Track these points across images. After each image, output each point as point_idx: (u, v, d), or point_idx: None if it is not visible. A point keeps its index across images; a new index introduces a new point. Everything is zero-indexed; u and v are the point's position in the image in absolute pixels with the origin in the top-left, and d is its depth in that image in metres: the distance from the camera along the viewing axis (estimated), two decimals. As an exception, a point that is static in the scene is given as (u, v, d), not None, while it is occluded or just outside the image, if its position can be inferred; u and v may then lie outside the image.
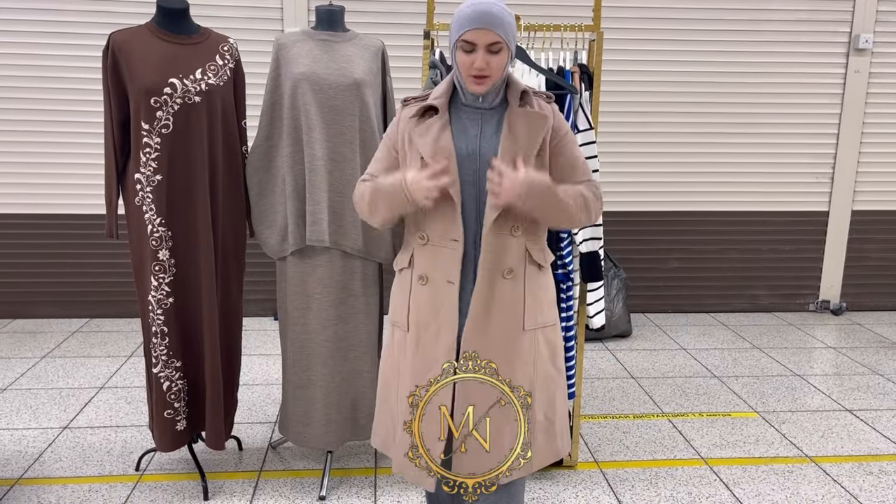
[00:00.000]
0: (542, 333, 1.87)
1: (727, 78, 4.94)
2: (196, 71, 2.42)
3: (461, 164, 1.76)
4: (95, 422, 3.26)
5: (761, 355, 4.33)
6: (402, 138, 1.84)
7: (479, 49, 1.72)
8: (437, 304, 1.81)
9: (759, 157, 5.07)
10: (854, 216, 5.21)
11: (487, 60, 1.72)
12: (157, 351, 2.51)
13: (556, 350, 1.92)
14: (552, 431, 1.89)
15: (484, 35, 1.70)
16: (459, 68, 1.76)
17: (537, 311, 1.85)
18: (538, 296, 1.86)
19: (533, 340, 1.84)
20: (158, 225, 2.44)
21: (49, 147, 4.63)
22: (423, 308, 1.83)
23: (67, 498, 2.63)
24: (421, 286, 1.83)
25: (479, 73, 1.73)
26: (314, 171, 2.52)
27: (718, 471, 2.91)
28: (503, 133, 1.77)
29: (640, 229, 5.06)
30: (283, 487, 2.74)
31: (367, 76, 2.56)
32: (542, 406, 1.86)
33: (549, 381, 1.89)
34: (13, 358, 4.04)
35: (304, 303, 2.60)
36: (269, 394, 3.61)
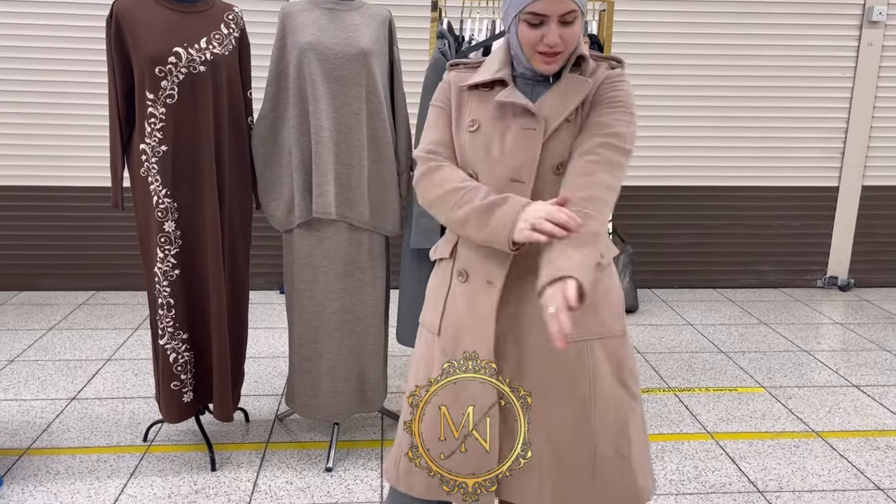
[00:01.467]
0: (602, 346, 1.57)
1: (738, 50, 4.87)
2: (201, 40, 2.38)
3: None
4: (103, 393, 3.27)
5: (768, 331, 4.31)
6: (455, 104, 1.61)
7: (550, 21, 1.44)
8: (475, 308, 1.56)
9: (769, 131, 5.02)
10: (864, 191, 5.16)
11: (560, 34, 1.44)
12: (164, 323, 2.51)
13: (623, 367, 1.60)
14: (630, 470, 1.59)
15: (558, 4, 1.42)
16: (523, 44, 1.49)
17: (589, 318, 1.55)
18: (592, 300, 1.54)
19: (583, 353, 1.55)
20: (164, 196, 2.42)
21: (54, 119, 4.60)
22: (461, 311, 1.59)
23: (76, 467, 2.65)
24: (460, 283, 1.60)
25: (552, 49, 1.46)
26: (320, 142, 2.49)
27: (725, 445, 2.91)
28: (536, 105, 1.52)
29: (648, 204, 5.03)
30: (289, 459, 2.75)
31: (373, 46, 2.52)
32: (610, 435, 1.57)
33: (617, 404, 1.58)
34: (20, 330, 4.06)
35: (311, 275, 2.59)
36: (276, 366, 3.62)
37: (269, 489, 2.55)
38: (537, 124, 1.49)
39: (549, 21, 1.44)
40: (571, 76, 1.53)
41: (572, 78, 1.53)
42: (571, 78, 1.53)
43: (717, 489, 2.60)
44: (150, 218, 2.45)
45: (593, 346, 1.56)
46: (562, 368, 1.54)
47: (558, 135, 1.51)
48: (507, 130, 1.52)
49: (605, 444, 1.57)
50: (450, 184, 1.53)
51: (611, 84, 1.54)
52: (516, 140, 1.51)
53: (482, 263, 1.55)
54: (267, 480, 2.60)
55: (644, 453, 1.64)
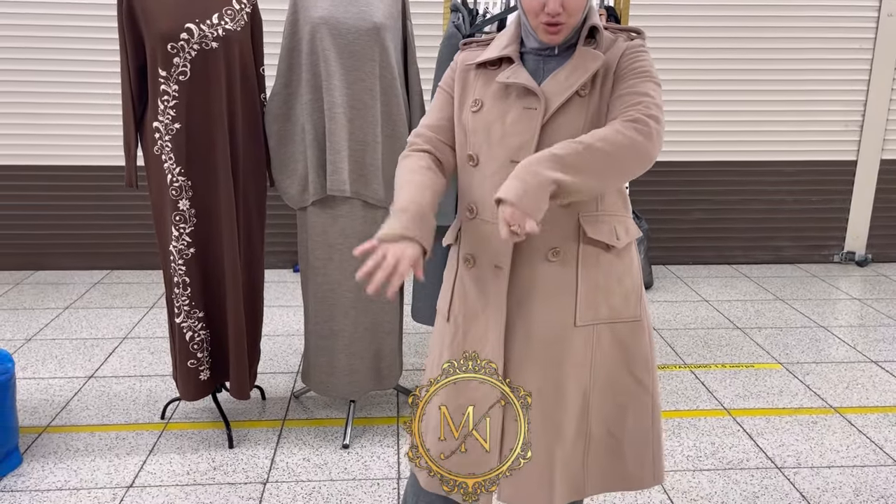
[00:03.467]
0: (611, 331, 1.53)
1: (755, 22, 4.78)
2: (213, 16, 2.36)
3: None
4: (120, 371, 3.29)
5: (784, 307, 4.28)
6: (459, 85, 1.58)
7: None
8: (485, 294, 1.53)
9: (787, 104, 4.94)
10: (883, 165, 5.08)
11: (563, 2, 1.39)
12: (180, 301, 2.51)
13: (634, 354, 1.56)
14: (619, 451, 1.58)
15: None
16: (526, 12, 1.44)
17: (600, 301, 1.51)
18: (602, 284, 1.50)
19: (590, 339, 1.52)
20: (178, 174, 2.41)
21: (67, 98, 4.59)
22: (470, 298, 1.56)
23: (95, 444, 2.67)
24: (467, 269, 1.56)
25: (553, 19, 1.40)
26: (334, 118, 2.47)
27: (742, 421, 2.90)
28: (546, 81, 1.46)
29: (663, 179, 4.97)
30: (306, 436, 2.76)
31: (387, 20, 2.49)
32: (604, 418, 1.56)
33: (619, 392, 1.56)
34: (37, 309, 4.08)
35: (326, 253, 2.58)
36: (291, 344, 3.63)
37: (287, 466, 2.56)
38: (538, 104, 1.44)
39: None
40: (584, 50, 1.46)
41: (584, 52, 1.46)
42: (583, 52, 1.46)
43: (734, 465, 2.59)
44: (164, 196, 2.44)
45: (601, 331, 1.53)
46: (566, 352, 1.52)
47: (565, 113, 1.45)
48: (509, 110, 1.48)
49: (599, 425, 1.56)
50: (401, 177, 1.52)
51: (632, 55, 1.47)
52: (517, 120, 1.46)
53: (487, 246, 1.51)
54: (284, 457, 2.61)
55: (644, 442, 1.60)
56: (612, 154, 1.35)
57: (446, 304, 1.62)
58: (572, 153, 1.33)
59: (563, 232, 1.47)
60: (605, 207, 1.50)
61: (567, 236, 1.47)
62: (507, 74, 1.48)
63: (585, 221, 1.47)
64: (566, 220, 1.46)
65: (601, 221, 1.49)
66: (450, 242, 1.64)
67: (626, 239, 1.54)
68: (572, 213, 1.46)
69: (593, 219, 1.48)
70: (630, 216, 1.58)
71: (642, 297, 1.60)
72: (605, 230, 1.49)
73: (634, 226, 1.58)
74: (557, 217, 1.44)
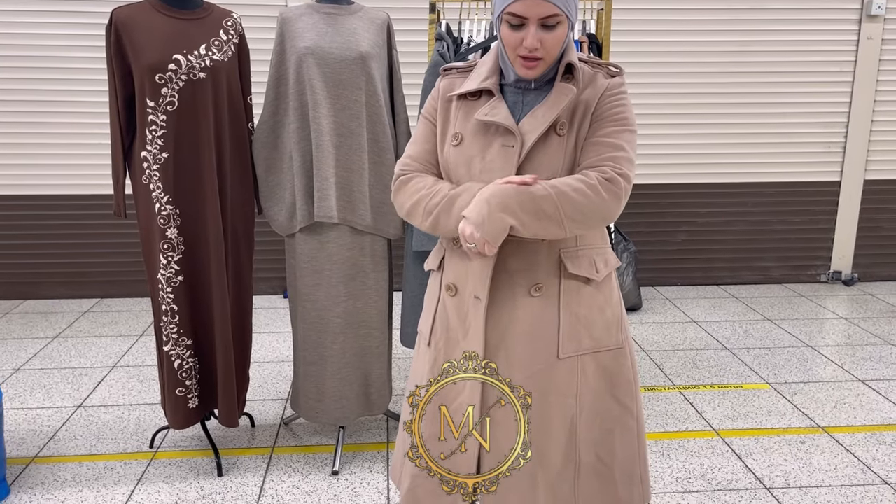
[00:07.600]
0: (594, 360, 1.56)
1: (737, 46, 4.87)
2: (200, 47, 2.39)
3: None
4: (109, 400, 3.28)
5: (773, 327, 4.31)
6: (441, 116, 1.59)
7: (530, 24, 1.39)
8: (465, 323, 1.55)
9: (770, 126, 5.01)
10: (866, 185, 5.15)
11: (541, 38, 1.40)
12: (168, 329, 2.51)
13: (618, 380, 1.59)
14: (610, 477, 1.60)
15: (536, 6, 1.37)
16: (505, 45, 1.45)
17: (582, 334, 1.54)
18: (584, 316, 1.53)
19: (574, 369, 1.54)
20: (166, 203, 2.43)
21: (56, 128, 4.62)
22: (452, 325, 1.58)
23: (83, 475, 2.66)
24: (450, 297, 1.58)
25: (530, 54, 1.42)
26: (321, 146, 2.49)
27: (731, 442, 2.91)
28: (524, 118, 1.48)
29: (650, 202, 5.03)
30: (296, 463, 2.75)
31: (372, 49, 2.53)
32: (592, 445, 1.57)
33: (605, 418, 1.58)
34: (25, 338, 4.07)
35: (314, 280, 2.60)
36: (280, 371, 3.62)
37: (276, 493, 2.55)
38: (515, 141, 1.47)
39: (528, 24, 1.39)
40: (561, 86, 1.47)
41: (561, 88, 1.47)
42: (561, 88, 1.47)
43: (723, 486, 2.60)
44: (152, 225, 2.45)
45: (584, 361, 1.55)
46: (550, 383, 1.54)
47: (545, 151, 1.47)
48: (488, 146, 1.50)
49: (588, 452, 1.57)
50: (418, 193, 1.53)
51: (611, 98, 1.49)
52: (495, 157, 1.48)
53: (469, 278, 1.53)
54: (273, 485, 2.60)
55: (631, 464, 1.63)
56: (581, 207, 1.40)
57: (428, 327, 1.65)
58: (544, 197, 1.39)
59: (546, 268, 1.50)
60: (585, 242, 1.54)
61: (549, 272, 1.51)
62: (486, 111, 1.50)
63: (566, 257, 1.51)
64: (548, 256, 1.50)
65: (580, 256, 1.53)
66: (432, 268, 1.66)
67: (606, 271, 1.57)
68: (553, 250, 1.50)
69: (573, 254, 1.52)
70: (609, 247, 1.61)
71: (623, 323, 1.62)
72: (584, 264, 1.53)
73: (614, 256, 1.61)
74: (539, 254, 1.49)
